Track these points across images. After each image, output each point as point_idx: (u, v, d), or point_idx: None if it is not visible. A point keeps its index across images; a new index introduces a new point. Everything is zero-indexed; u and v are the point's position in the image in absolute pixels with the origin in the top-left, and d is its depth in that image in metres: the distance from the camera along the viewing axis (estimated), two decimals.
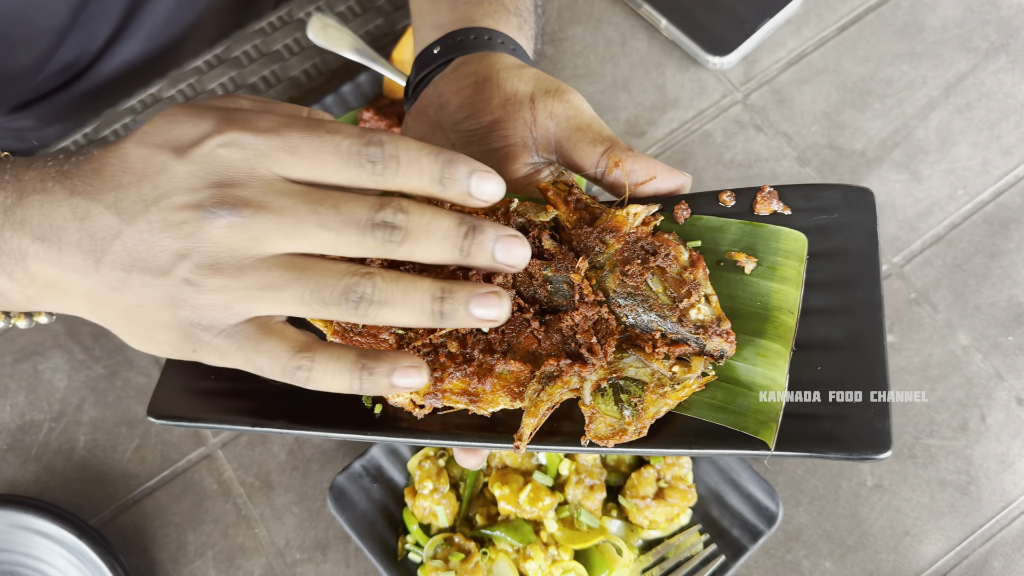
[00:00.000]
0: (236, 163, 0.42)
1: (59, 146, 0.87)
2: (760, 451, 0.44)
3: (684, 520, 0.70)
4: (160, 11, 0.87)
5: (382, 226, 0.41)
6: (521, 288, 0.48)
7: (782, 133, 0.84)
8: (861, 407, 0.44)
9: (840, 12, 0.88)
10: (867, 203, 0.49)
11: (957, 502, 0.72)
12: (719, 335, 0.46)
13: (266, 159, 0.42)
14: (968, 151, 0.82)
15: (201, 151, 0.42)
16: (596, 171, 0.52)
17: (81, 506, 0.75)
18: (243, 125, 0.42)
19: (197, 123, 0.43)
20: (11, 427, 0.77)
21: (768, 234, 0.49)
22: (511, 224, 0.49)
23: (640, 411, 0.45)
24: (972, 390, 0.74)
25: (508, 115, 0.54)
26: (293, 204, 0.41)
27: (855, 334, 0.46)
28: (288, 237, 0.41)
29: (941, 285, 0.78)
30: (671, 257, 0.47)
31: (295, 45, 0.90)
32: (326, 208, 0.41)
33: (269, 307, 0.42)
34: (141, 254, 0.42)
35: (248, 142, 0.42)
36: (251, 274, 0.42)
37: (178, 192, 0.42)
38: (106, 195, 0.43)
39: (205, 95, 0.88)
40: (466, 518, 0.71)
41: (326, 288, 0.42)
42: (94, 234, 0.43)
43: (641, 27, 0.89)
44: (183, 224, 0.42)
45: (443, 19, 0.64)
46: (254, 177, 0.42)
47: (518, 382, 0.47)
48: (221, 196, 0.41)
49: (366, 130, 0.42)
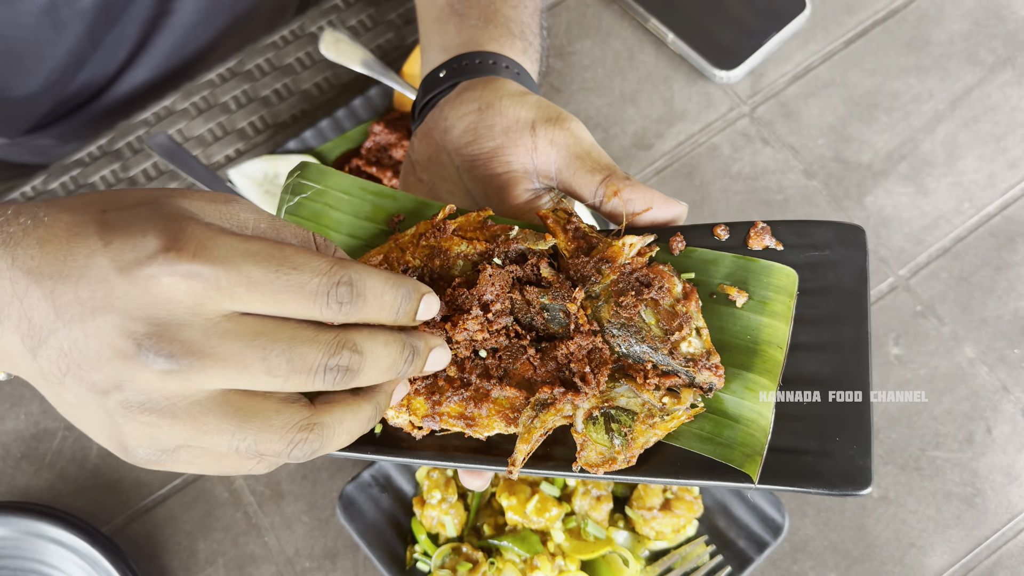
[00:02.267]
0: (180, 297, 0.37)
1: (74, 158, 0.88)
2: (744, 484, 0.45)
3: (691, 531, 0.71)
4: (175, 34, 0.89)
5: (335, 370, 0.39)
6: (519, 315, 0.49)
7: (789, 146, 0.84)
8: (844, 444, 0.46)
9: (847, 26, 0.89)
10: (858, 241, 0.50)
11: (963, 514, 0.72)
12: (708, 368, 0.47)
13: (218, 295, 0.37)
14: (974, 164, 0.83)
15: (143, 273, 0.37)
16: (595, 199, 0.53)
17: (94, 514, 0.75)
18: (196, 251, 0.37)
19: (143, 236, 0.38)
20: (25, 435, 0.78)
21: (760, 269, 0.50)
22: (510, 251, 0.50)
23: (629, 441, 0.46)
24: (978, 402, 0.75)
25: (510, 142, 0.55)
26: (239, 350, 0.37)
27: (842, 370, 0.48)
28: (230, 382, 0.38)
29: (947, 298, 0.78)
30: (665, 289, 0.48)
31: (307, 59, 0.91)
32: (276, 355, 0.38)
33: (202, 446, 0.39)
34: (75, 361, 0.38)
35: (199, 274, 0.37)
36: (184, 419, 0.38)
37: (114, 312, 0.37)
38: (45, 280, 0.38)
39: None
40: (474, 528, 0.72)
41: (266, 443, 0.39)
42: (32, 320, 0.39)
43: (648, 41, 0.89)
44: (115, 355, 0.37)
45: (450, 41, 0.65)
46: (199, 316, 0.37)
47: (513, 408, 0.48)
48: (158, 336, 0.37)
49: (334, 264, 0.39)
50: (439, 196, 0.59)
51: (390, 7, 0.93)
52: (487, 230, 0.52)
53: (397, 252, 0.51)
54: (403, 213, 0.54)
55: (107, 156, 0.88)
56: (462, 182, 0.58)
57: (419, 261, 0.51)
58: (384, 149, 0.83)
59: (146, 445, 0.39)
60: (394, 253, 0.51)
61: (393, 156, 0.83)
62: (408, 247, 0.51)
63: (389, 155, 0.83)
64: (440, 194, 0.59)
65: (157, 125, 0.89)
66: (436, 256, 0.51)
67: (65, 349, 0.38)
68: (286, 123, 0.89)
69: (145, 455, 0.40)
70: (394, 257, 0.51)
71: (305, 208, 0.54)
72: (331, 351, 0.39)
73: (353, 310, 0.39)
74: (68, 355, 0.38)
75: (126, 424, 0.39)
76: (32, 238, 0.39)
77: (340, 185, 0.55)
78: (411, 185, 0.61)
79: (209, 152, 0.88)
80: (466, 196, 0.58)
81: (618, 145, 0.86)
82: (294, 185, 0.54)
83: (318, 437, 0.40)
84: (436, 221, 0.52)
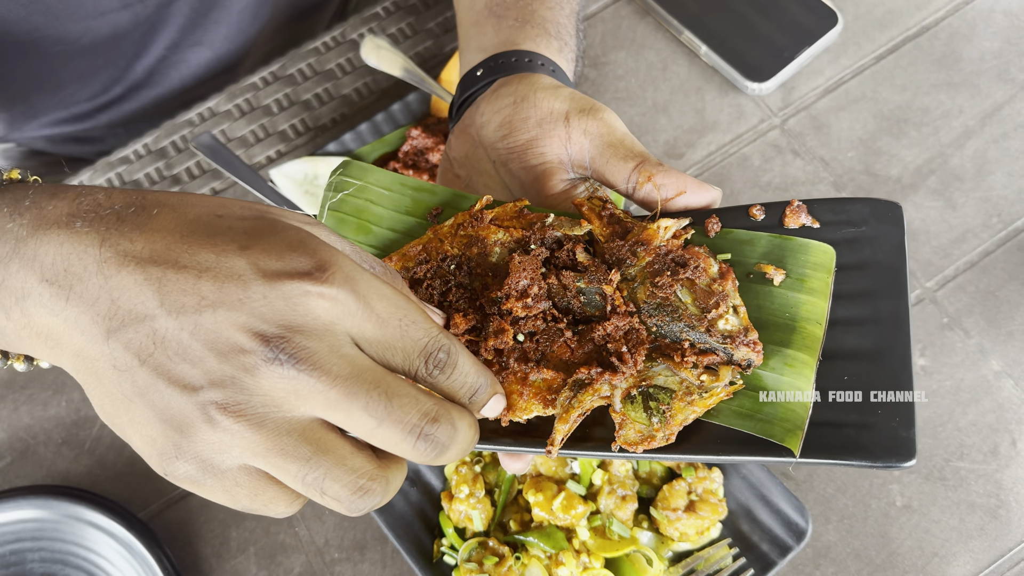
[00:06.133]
0: (319, 313, 0.38)
1: (119, 155, 0.91)
2: (786, 458, 0.45)
3: (714, 533, 0.71)
4: (224, 22, 0.91)
5: (425, 438, 0.39)
6: (556, 299, 0.50)
7: (819, 158, 0.86)
8: (886, 416, 0.45)
9: (878, 42, 0.90)
10: (895, 216, 0.50)
11: (986, 525, 0.72)
12: (746, 345, 0.47)
13: (350, 322, 0.39)
14: (1003, 180, 0.83)
15: (292, 288, 0.38)
16: (627, 186, 0.54)
17: (130, 500, 0.77)
18: (344, 280, 0.38)
19: (291, 251, 0.38)
20: (67, 422, 0.81)
21: (797, 247, 0.50)
22: (546, 238, 0.51)
23: (668, 418, 0.46)
24: (1003, 415, 0.75)
25: (544, 133, 0.56)
26: (352, 376, 0.38)
27: (882, 344, 0.47)
28: (328, 407, 0.38)
29: (974, 311, 0.79)
30: (700, 269, 0.49)
31: (348, 64, 0.94)
32: (378, 394, 0.38)
33: (264, 467, 0.39)
34: (169, 352, 0.37)
35: (342, 300, 0.38)
36: (268, 431, 0.38)
37: (242, 311, 0.37)
38: (149, 266, 0.38)
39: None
40: (500, 523, 0.73)
41: (333, 482, 0.39)
42: (117, 300, 0.38)
43: (682, 53, 0.91)
44: (238, 353, 0.37)
45: (487, 42, 0.67)
46: (329, 333, 0.38)
47: (551, 390, 0.48)
48: (291, 341, 0.37)
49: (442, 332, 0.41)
50: (476, 191, 0.60)
51: (429, 16, 0.95)
52: (523, 218, 0.52)
53: (436, 242, 0.52)
54: (441, 206, 0.55)
55: (152, 154, 0.91)
56: (499, 176, 0.59)
57: (457, 250, 0.52)
58: (421, 153, 0.85)
59: (204, 455, 0.38)
60: (433, 243, 0.52)
61: (430, 160, 0.85)
62: (446, 237, 0.52)
63: (426, 159, 0.85)
64: (477, 189, 0.60)
65: (201, 125, 0.92)
66: (473, 244, 0.52)
67: (159, 336, 0.37)
68: (326, 126, 0.91)
69: (192, 469, 0.39)
70: (433, 247, 0.52)
71: (347, 204, 0.56)
72: (431, 416, 0.39)
73: (441, 376, 0.41)
74: (161, 343, 0.37)
75: (202, 426, 0.37)
76: (130, 224, 0.39)
77: (381, 181, 0.56)
78: (449, 181, 0.63)
79: (251, 153, 0.91)
80: (503, 190, 0.59)
81: (650, 153, 0.87)
82: (337, 182, 0.56)
83: (382, 491, 0.40)
84: (474, 211, 0.53)
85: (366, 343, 0.40)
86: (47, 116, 0.96)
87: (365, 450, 0.40)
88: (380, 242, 0.55)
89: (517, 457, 0.53)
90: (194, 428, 0.38)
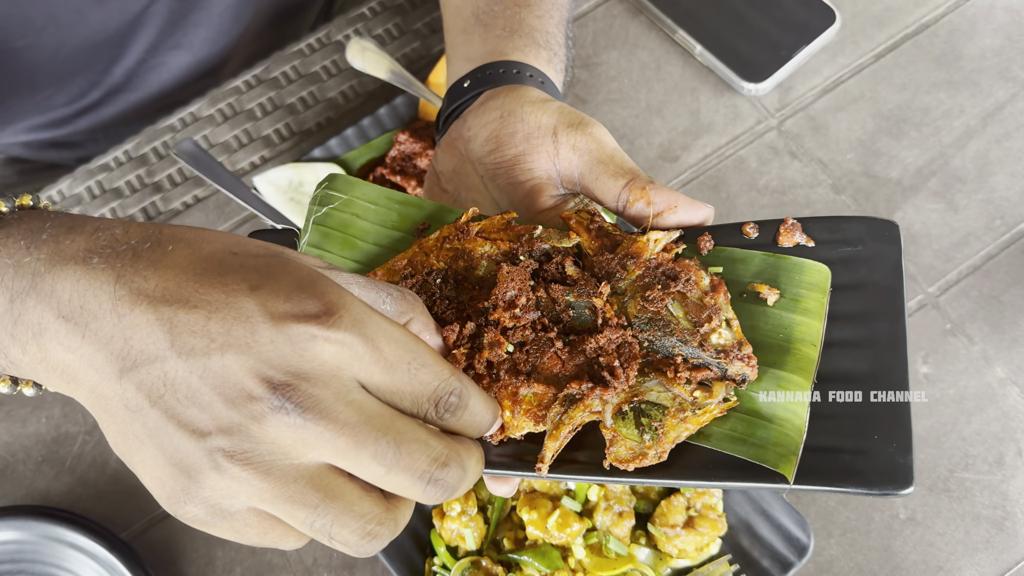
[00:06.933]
0: (326, 358, 0.37)
1: (99, 163, 0.88)
2: (779, 484, 0.44)
3: (714, 549, 0.70)
4: (203, 24, 0.89)
5: (435, 483, 0.39)
6: (544, 313, 0.49)
7: (817, 160, 0.84)
8: (883, 441, 0.44)
9: (877, 40, 0.88)
10: (892, 235, 0.49)
11: (992, 538, 0.70)
12: (740, 359, 0.46)
13: (358, 366, 0.38)
14: (1006, 181, 0.81)
15: (299, 332, 0.37)
16: (617, 204, 0.52)
17: (113, 519, 0.75)
18: (353, 324, 0.38)
19: (300, 293, 0.38)
20: (46, 439, 0.78)
21: (791, 266, 0.49)
22: (534, 250, 0.50)
23: (660, 435, 0.45)
24: (1008, 424, 0.73)
25: (532, 148, 0.55)
26: (359, 423, 0.37)
27: (878, 367, 0.46)
28: (336, 454, 0.38)
29: (977, 316, 0.77)
30: (692, 282, 0.48)
31: (333, 67, 0.91)
32: (387, 441, 0.38)
33: (272, 512, 0.39)
34: (178, 396, 0.37)
35: (351, 344, 0.37)
36: (276, 478, 0.37)
37: (250, 355, 0.37)
38: (161, 306, 0.38)
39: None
40: (493, 542, 0.71)
41: (341, 528, 0.38)
42: (130, 340, 0.38)
43: (676, 52, 0.89)
44: (245, 400, 0.37)
45: (475, 51, 0.65)
46: (336, 379, 0.38)
47: (541, 405, 0.47)
48: (297, 389, 0.37)
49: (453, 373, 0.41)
50: (464, 206, 0.58)
51: (417, 16, 0.93)
52: (511, 231, 0.51)
53: (421, 256, 0.51)
54: (428, 221, 0.54)
55: (133, 161, 0.89)
56: (487, 191, 0.58)
57: (443, 264, 0.51)
58: (409, 158, 0.83)
59: (213, 500, 0.38)
60: (418, 257, 0.51)
61: (418, 165, 0.82)
62: (432, 251, 0.51)
63: (414, 164, 0.82)
64: (465, 204, 0.59)
65: (183, 131, 0.89)
66: (460, 258, 0.50)
67: (170, 379, 0.37)
68: (311, 131, 0.89)
69: (201, 512, 0.38)
70: (418, 261, 0.51)
71: (333, 218, 0.54)
72: (441, 461, 0.39)
73: (452, 419, 0.41)
74: (171, 385, 0.37)
75: (210, 472, 0.37)
76: (145, 260, 0.39)
77: (367, 195, 0.55)
78: (436, 196, 0.61)
79: (234, 159, 0.88)
80: (492, 205, 0.57)
81: (644, 157, 0.85)
82: (322, 196, 0.55)
83: (390, 533, 0.40)
84: (460, 224, 0.52)
85: (374, 387, 0.39)
86: (24, 121, 0.93)
87: (374, 493, 0.39)
88: (365, 257, 0.53)
89: (503, 480, 0.51)
90: (202, 474, 0.38)
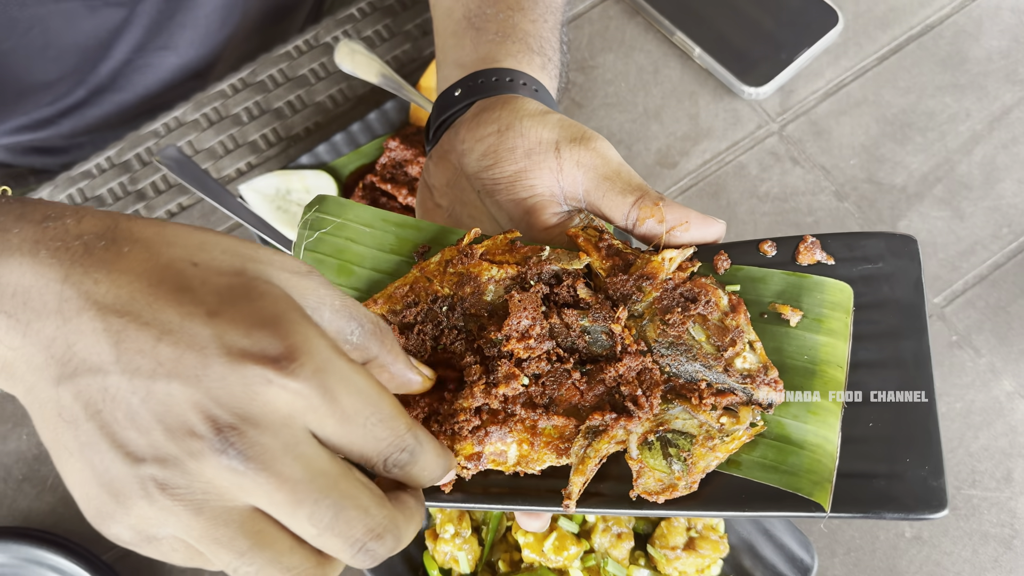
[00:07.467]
0: (279, 406, 0.35)
1: (81, 170, 0.86)
2: (816, 513, 0.42)
3: (715, 571, 0.68)
4: (189, 26, 0.86)
5: (364, 552, 0.37)
6: (559, 339, 0.47)
7: (819, 166, 0.81)
8: (915, 465, 0.43)
9: (880, 42, 0.86)
10: (911, 251, 0.48)
11: (1000, 556, 0.69)
12: (767, 384, 0.45)
13: (311, 416, 0.36)
14: (1013, 187, 0.79)
15: (254, 374, 0.34)
16: (627, 222, 0.50)
17: (96, 539, 0.73)
18: (313, 374, 0.35)
19: (261, 330, 0.35)
20: (27, 456, 0.76)
21: (812, 285, 0.48)
22: (543, 272, 0.48)
23: (690, 465, 0.44)
24: (1017, 439, 0.71)
25: (533, 164, 0.53)
26: (300, 479, 0.35)
27: (906, 387, 0.45)
28: (271, 506, 0.35)
29: (984, 328, 0.75)
30: (711, 304, 0.46)
31: (321, 70, 0.89)
32: (327, 504, 0.36)
33: (199, 548, 0.36)
34: (116, 414, 0.35)
35: (307, 395, 0.35)
36: (206, 518, 0.35)
37: (199, 388, 0.34)
38: (110, 316, 0.35)
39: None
40: (488, 564, 0.69)
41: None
42: (73, 346, 0.35)
43: (674, 55, 0.87)
44: (186, 435, 0.34)
45: (466, 57, 0.62)
46: (286, 429, 0.35)
47: (562, 437, 0.45)
48: (243, 435, 0.34)
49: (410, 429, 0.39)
50: (460, 222, 0.56)
51: (407, 17, 0.90)
52: (516, 252, 0.49)
53: (423, 281, 0.49)
54: (428, 244, 0.51)
55: (115, 168, 0.86)
56: (484, 207, 0.55)
57: (448, 289, 0.48)
58: (399, 165, 0.80)
59: (140, 526, 0.36)
60: (420, 282, 0.49)
61: (409, 172, 0.80)
62: (435, 276, 0.49)
63: (405, 171, 0.80)
64: (462, 220, 0.56)
65: (167, 136, 0.87)
66: (466, 283, 0.48)
67: (110, 394, 0.34)
68: (299, 136, 0.86)
69: (127, 535, 0.36)
70: (421, 287, 0.49)
71: (325, 243, 0.51)
72: (376, 533, 0.37)
73: (400, 472, 0.39)
74: (110, 401, 0.35)
75: (140, 500, 0.35)
76: (97, 260, 0.36)
77: (361, 217, 0.52)
78: (429, 211, 0.58)
79: (220, 165, 0.86)
80: (490, 221, 0.55)
81: (641, 163, 0.83)
82: (312, 220, 0.52)
83: None
84: (462, 246, 0.49)
85: (326, 438, 0.37)
86: (7, 123, 0.91)
87: (306, 546, 0.37)
88: (363, 284, 0.51)
89: (535, 515, 0.49)
90: (131, 500, 0.35)
